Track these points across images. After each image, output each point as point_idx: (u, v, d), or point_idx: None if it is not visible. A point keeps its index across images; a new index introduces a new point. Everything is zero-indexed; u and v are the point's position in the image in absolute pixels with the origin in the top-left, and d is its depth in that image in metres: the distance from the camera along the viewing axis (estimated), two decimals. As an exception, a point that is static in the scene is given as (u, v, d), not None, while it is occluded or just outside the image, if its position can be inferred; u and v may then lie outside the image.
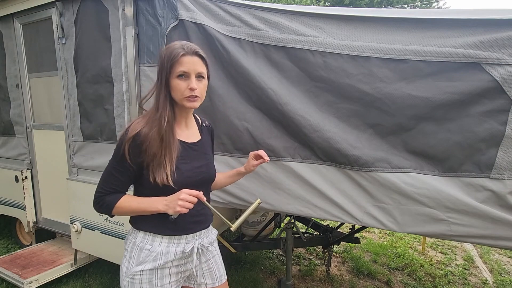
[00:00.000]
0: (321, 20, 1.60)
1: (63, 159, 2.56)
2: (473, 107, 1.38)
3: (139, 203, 1.14)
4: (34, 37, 2.64)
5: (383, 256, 3.33)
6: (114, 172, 1.13)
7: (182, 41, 1.15)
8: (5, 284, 2.54)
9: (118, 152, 1.11)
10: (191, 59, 1.10)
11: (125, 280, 1.18)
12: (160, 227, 1.17)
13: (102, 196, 1.14)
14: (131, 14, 1.90)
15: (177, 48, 1.10)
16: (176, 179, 1.12)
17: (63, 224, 2.74)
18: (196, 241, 1.24)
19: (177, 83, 1.11)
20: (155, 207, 1.11)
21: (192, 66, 1.10)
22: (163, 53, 1.13)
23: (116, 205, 1.13)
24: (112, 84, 2.11)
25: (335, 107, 1.60)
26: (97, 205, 1.16)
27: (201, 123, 1.35)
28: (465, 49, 1.35)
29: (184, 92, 1.11)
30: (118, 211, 1.15)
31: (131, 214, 1.18)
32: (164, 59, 1.11)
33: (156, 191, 1.13)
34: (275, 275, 2.92)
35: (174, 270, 1.21)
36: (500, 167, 1.37)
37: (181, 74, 1.10)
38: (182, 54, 1.09)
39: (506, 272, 3.11)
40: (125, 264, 1.19)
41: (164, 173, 1.09)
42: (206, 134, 1.33)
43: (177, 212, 1.07)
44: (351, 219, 1.63)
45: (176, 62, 1.09)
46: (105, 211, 1.16)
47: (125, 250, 1.23)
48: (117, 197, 1.14)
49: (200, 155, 1.24)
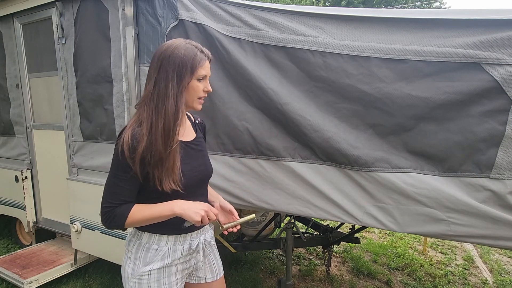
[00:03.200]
0: (321, 20, 1.60)
1: (63, 159, 2.56)
2: (473, 107, 1.38)
3: (152, 210, 1.08)
4: (34, 37, 2.64)
5: (383, 256, 3.33)
6: (118, 182, 1.07)
7: (191, 41, 1.13)
8: (5, 284, 2.54)
9: (118, 161, 1.05)
10: (209, 64, 1.14)
11: (131, 282, 1.15)
12: (165, 227, 1.16)
13: (111, 209, 1.06)
14: (131, 14, 1.90)
15: (198, 52, 1.10)
16: (183, 182, 1.10)
17: (63, 224, 2.74)
18: (200, 237, 1.26)
19: (197, 85, 1.11)
20: (170, 210, 1.06)
21: (209, 70, 1.14)
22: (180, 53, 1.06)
23: (128, 215, 1.06)
24: (112, 84, 2.11)
25: (335, 107, 1.60)
26: (107, 221, 1.07)
27: (193, 120, 1.34)
28: (465, 49, 1.35)
29: (200, 94, 1.13)
30: (131, 222, 1.07)
31: (144, 223, 1.10)
32: (186, 61, 1.06)
33: (158, 195, 1.09)
34: (275, 275, 2.92)
35: (180, 267, 1.22)
36: (500, 167, 1.37)
37: (202, 78, 1.12)
38: (206, 59, 1.12)
39: (506, 272, 3.10)
40: (130, 265, 1.16)
41: (171, 180, 1.06)
42: (199, 132, 1.32)
43: (195, 221, 1.05)
44: (351, 219, 1.62)
45: (201, 67, 1.09)
46: (117, 225, 1.08)
47: (128, 251, 1.20)
48: (128, 207, 1.07)
49: (198, 153, 1.24)
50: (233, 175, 1.81)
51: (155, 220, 1.09)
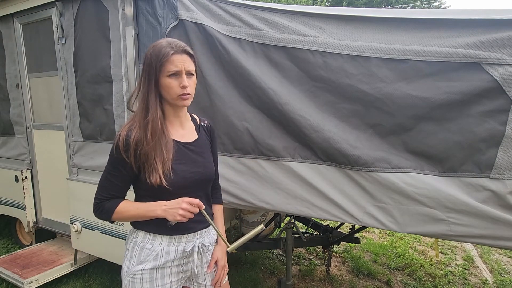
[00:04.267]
0: (321, 20, 1.60)
1: (63, 159, 2.56)
2: (473, 107, 1.38)
3: (137, 208, 1.13)
4: (34, 37, 2.64)
5: (383, 256, 3.33)
6: (110, 178, 1.14)
7: (168, 39, 1.14)
8: (5, 284, 2.54)
9: (112, 158, 1.12)
10: (180, 57, 1.10)
11: (126, 280, 1.18)
12: (160, 227, 1.17)
13: (101, 202, 1.15)
14: (131, 14, 1.90)
15: (166, 47, 1.09)
16: (172, 180, 1.11)
17: (63, 224, 2.74)
18: (196, 240, 1.23)
19: (169, 82, 1.10)
20: (153, 211, 1.11)
21: (182, 64, 1.10)
22: (150, 52, 1.10)
23: (115, 210, 1.13)
24: (111, 84, 2.11)
25: (335, 107, 1.60)
26: (96, 211, 1.16)
27: (199, 122, 1.34)
28: (465, 49, 1.35)
29: (176, 90, 1.10)
30: (117, 217, 1.15)
31: (130, 219, 1.18)
32: (152, 59, 1.09)
33: (152, 193, 1.13)
34: (275, 275, 2.92)
35: (174, 270, 1.21)
36: (500, 167, 1.37)
37: (172, 73, 1.09)
38: (172, 53, 1.08)
39: (506, 272, 3.10)
40: (126, 263, 1.19)
41: (156, 174, 1.08)
42: (204, 134, 1.32)
43: (176, 220, 1.08)
44: (351, 219, 1.62)
45: (167, 61, 1.08)
46: (105, 218, 1.16)
47: (126, 249, 1.23)
48: (116, 202, 1.14)
49: (196, 155, 1.23)
50: (233, 175, 1.81)
51: (140, 219, 1.15)
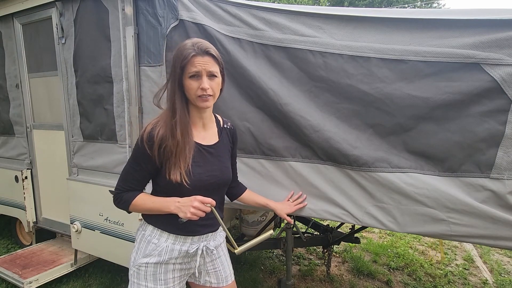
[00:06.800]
0: (321, 20, 1.60)
1: (63, 159, 2.56)
2: (473, 107, 1.38)
3: (153, 202, 1.18)
4: (34, 37, 2.64)
5: (383, 256, 3.33)
6: (131, 171, 1.18)
7: (194, 39, 1.15)
8: (5, 284, 2.54)
9: (136, 152, 1.16)
10: (202, 59, 1.11)
11: (131, 269, 1.23)
12: (168, 224, 1.20)
13: (120, 193, 1.20)
14: (131, 14, 1.90)
15: (188, 48, 1.10)
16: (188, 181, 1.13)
17: (63, 224, 2.74)
18: (201, 243, 1.25)
19: (189, 83, 1.12)
20: (167, 207, 1.14)
21: (203, 66, 1.11)
22: (175, 53, 1.14)
23: (132, 202, 1.19)
24: (112, 84, 2.11)
25: (335, 107, 1.60)
26: (115, 201, 1.22)
27: (222, 124, 1.35)
28: (465, 49, 1.35)
29: (196, 91, 1.12)
30: (134, 209, 1.20)
31: (146, 212, 1.22)
32: (176, 60, 1.12)
33: (167, 189, 1.16)
34: (275, 275, 2.93)
35: (178, 267, 1.24)
36: (500, 167, 1.37)
37: (193, 74, 1.10)
38: (193, 54, 1.09)
39: (506, 272, 3.11)
40: (133, 254, 1.24)
41: (178, 172, 1.12)
42: (225, 137, 1.32)
43: (187, 218, 1.09)
44: (351, 219, 1.63)
45: (188, 63, 1.09)
46: (122, 207, 1.22)
47: (135, 240, 1.27)
48: (134, 194, 1.19)
49: (215, 158, 1.24)
50: (235, 175, 1.81)
51: (155, 212, 1.19)
